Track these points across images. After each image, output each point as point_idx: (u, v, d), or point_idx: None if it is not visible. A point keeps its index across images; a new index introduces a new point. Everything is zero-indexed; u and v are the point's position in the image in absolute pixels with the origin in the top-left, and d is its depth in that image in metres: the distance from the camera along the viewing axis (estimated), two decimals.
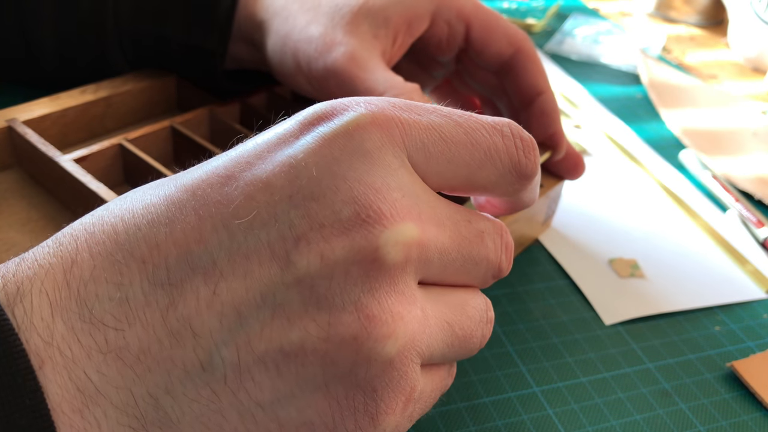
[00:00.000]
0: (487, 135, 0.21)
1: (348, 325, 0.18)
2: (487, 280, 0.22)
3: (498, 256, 0.22)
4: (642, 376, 0.33)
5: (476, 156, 0.21)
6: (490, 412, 0.30)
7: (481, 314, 0.22)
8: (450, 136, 0.20)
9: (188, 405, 0.18)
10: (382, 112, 0.20)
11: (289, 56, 0.36)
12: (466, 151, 0.20)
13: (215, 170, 0.19)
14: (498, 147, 0.21)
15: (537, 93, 0.37)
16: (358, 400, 0.18)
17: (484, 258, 0.21)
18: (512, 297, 0.37)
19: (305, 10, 0.36)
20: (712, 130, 0.57)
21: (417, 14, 0.36)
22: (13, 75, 0.46)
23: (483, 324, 0.22)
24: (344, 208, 0.18)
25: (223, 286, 0.18)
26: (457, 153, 0.20)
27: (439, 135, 0.20)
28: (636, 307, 0.37)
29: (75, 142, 0.41)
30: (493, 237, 0.22)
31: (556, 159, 0.38)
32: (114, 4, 0.40)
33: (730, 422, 0.32)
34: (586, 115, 0.58)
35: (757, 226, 0.45)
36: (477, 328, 0.22)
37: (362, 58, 0.34)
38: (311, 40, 0.35)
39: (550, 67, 0.66)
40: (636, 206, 0.46)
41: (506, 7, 0.80)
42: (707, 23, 0.84)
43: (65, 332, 0.17)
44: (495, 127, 0.21)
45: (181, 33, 0.40)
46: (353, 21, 0.35)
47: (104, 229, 0.19)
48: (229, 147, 0.21)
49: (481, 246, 0.21)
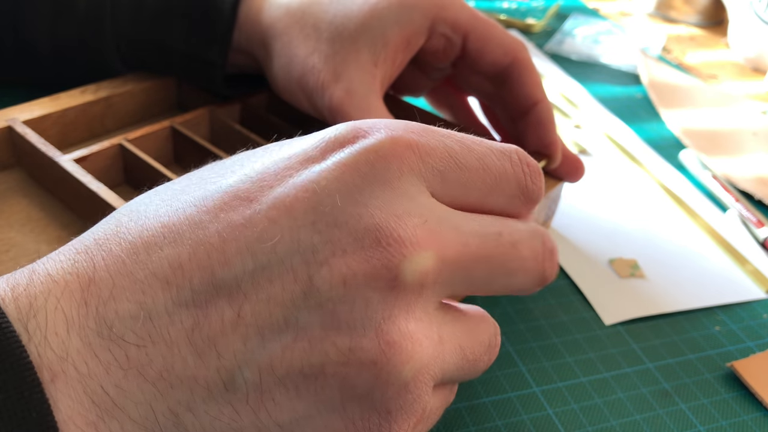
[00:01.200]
0: (497, 161, 0.21)
1: (368, 350, 0.18)
2: (531, 287, 0.22)
3: (539, 263, 0.22)
4: (642, 376, 0.33)
5: (488, 181, 0.21)
6: (490, 412, 0.30)
7: (491, 339, 0.22)
8: (464, 162, 0.21)
9: (209, 422, 0.18)
10: (402, 139, 0.20)
11: (294, 84, 0.37)
12: (478, 177, 0.21)
13: (235, 190, 0.20)
14: (507, 173, 0.22)
15: (533, 103, 0.37)
16: (373, 421, 0.19)
17: (519, 268, 0.21)
18: (512, 297, 0.37)
19: (305, 35, 0.36)
20: (712, 130, 0.57)
21: (415, 31, 0.35)
22: (12, 74, 0.46)
23: (491, 349, 0.23)
24: (366, 235, 0.18)
25: (247, 309, 0.18)
26: (470, 178, 0.21)
27: (455, 161, 0.21)
28: (636, 307, 0.37)
29: (75, 142, 0.41)
30: (530, 245, 0.21)
31: (552, 167, 0.38)
32: (111, 12, 0.40)
33: (730, 422, 0.32)
34: (586, 115, 0.58)
35: (757, 226, 0.45)
36: (485, 353, 0.22)
37: (359, 95, 0.34)
38: (313, 71, 0.35)
39: (550, 67, 0.66)
40: (636, 206, 0.46)
41: (506, 7, 0.80)
42: (707, 23, 0.84)
43: (81, 347, 0.18)
44: (504, 152, 0.22)
45: (180, 43, 0.40)
46: (354, 49, 0.35)
47: (122, 247, 0.19)
48: (239, 152, 0.21)
49: (515, 257, 0.21)
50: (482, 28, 0.36)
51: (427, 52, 0.37)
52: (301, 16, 0.36)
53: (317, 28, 0.36)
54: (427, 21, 0.35)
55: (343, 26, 0.35)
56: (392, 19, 0.35)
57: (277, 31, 0.37)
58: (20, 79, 0.46)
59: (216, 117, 0.41)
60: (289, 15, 0.37)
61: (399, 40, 0.35)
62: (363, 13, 0.35)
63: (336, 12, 0.35)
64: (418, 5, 0.35)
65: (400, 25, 0.35)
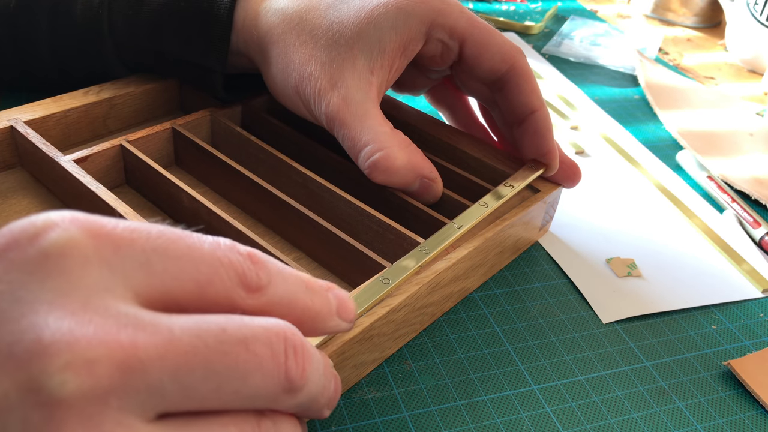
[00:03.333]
0: (208, 247, 0.19)
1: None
2: (273, 391, 0.18)
3: (279, 363, 0.18)
4: (639, 374, 0.34)
5: (202, 269, 0.19)
6: (488, 410, 0.31)
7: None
8: (173, 250, 0.19)
9: None
10: (90, 228, 0.18)
11: (291, 90, 0.37)
12: (190, 265, 0.19)
13: None
14: (222, 259, 0.19)
15: (529, 111, 0.37)
16: None
17: (253, 370, 0.18)
18: (511, 296, 0.37)
19: (302, 42, 0.36)
20: (709, 132, 0.57)
21: (411, 37, 0.35)
22: (14, 83, 0.46)
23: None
24: (22, 340, 0.16)
25: None
26: (182, 268, 0.19)
27: (162, 249, 0.18)
28: (633, 306, 0.38)
29: (78, 143, 0.41)
30: (266, 341, 0.18)
31: (549, 175, 0.39)
32: (108, 19, 0.40)
33: (727, 420, 0.32)
34: (583, 117, 0.58)
35: (753, 226, 0.45)
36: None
37: (355, 102, 0.34)
38: (310, 79, 0.35)
39: (548, 69, 0.66)
40: (633, 207, 0.47)
41: (505, 10, 0.81)
42: (704, 25, 0.84)
43: None
44: (221, 248, 0.19)
45: (177, 50, 0.40)
46: (350, 56, 0.34)
47: None
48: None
49: (245, 356, 0.18)
50: (480, 35, 0.36)
51: (425, 56, 0.37)
52: (297, 22, 0.36)
53: (314, 35, 0.36)
54: (423, 27, 0.35)
55: (339, 33, 0.35)
56: (388, 25, 0.34)
57: (273, 38, 0.37)
58: (23, 86, 0.46)
59: (217, 119, 0.41)
60: (286, 21, 0.36)
61: (395, 47, 0.35)
62: (359, 20, 0.35)
63: (333, 19, 0.35)
64: (415, 11, 0.35)
65: (396, 32, 0.35)
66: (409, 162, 0.35)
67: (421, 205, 0.36)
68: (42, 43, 0.42)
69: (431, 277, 0.31)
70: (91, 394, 0.15)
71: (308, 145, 0.40)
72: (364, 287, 0.29)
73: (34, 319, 0.16)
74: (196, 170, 0.40)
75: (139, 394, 0.16)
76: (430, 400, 0.31)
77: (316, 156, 0.40)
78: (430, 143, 0.43)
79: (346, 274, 0.34)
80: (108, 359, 0.16)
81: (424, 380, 0.32)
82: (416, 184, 0.36)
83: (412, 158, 0.35)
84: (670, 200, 0.48)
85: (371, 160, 0.34)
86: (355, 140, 0.34)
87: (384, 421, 0.29)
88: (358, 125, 0.34)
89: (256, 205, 0.37)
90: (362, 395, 0.30)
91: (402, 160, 0.34)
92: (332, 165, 0.39)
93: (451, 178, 0.39)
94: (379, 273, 0.30)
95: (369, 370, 0.31)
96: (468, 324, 0.35)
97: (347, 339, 0.28)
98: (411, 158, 0.35)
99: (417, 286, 0.31)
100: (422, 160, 0.36)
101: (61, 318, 0.16)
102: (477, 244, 0.34)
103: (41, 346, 0.15)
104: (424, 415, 0.30)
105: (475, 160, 0.41)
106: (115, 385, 0.16)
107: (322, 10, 0.36)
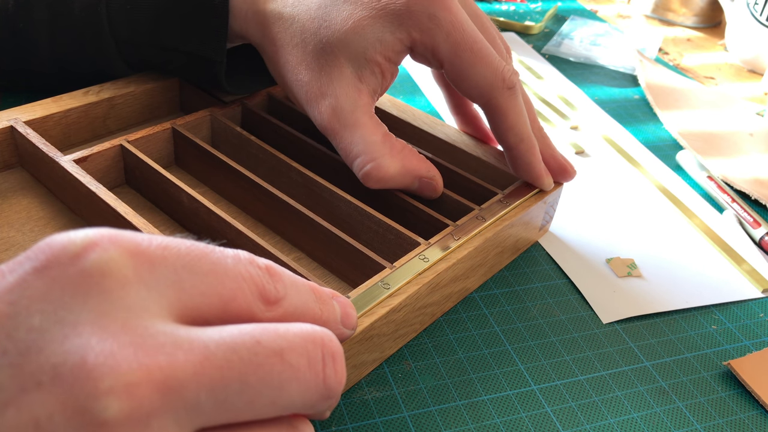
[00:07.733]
0: (232, 263, 0.20)
1: None
2: (314, 401, 0.19)
3: (317, 372, 0.19)
4: (639, 374, 0.34)
5: (228, 284, 0.19)
6: (488, 410, 0.31)
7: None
8: (200, 266, 0.19)
9: None
10: (128, 247, 0.18)
11: (287, 88, 0.37)
12: (217, 281, 0.19)
13: None
14: (244, 275, 0.20)
15: (508, 147, 0.37)
16: None
17: (290, 379, 0.18)
18: (511, 296, 0.37)
19: (294, 44, 0.36)
20: (709, 132, 0.57)
21: (395, 50, 0.35)
22: (15, 84, 0.46)
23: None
24: (66, 361, 0.16)
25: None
26: (210, 283, 0.19)
27: (191, 265, 0.19)
28: (633, 306, 0.38)
29: (78, 143, 0.41)
30: (302, 351, 0.19)
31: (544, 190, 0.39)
32: (107, 14, 0.40)
33: (727, 420, 0.32)
34: (583, 117, 0.58)
35: (753, 226, 0.45)
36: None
37: (345, 112, 0.34)
38: (301, 84, 0.35)
39: (548, 69, 0.66)
40: (633, 207, 0.47)
41: (505, 10, 0.81)
42: (704, 25, 0.84)
43: None
44: (241, 260, 0.20)
45: (177, 42, 0.40)
46: (337, 65, 0.34)
47: None
48: None
49: (280, 367, 0.18)
50: (460, 65, 0.34)
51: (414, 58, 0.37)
52: (291, 22, 0.36)
53: (304, 38, 0.35)
54: (407, 41, 0.34)
55: (326, 39, 0.34)
56: (374, 37, 0.34)
57: (268, 35, 0.37)
58: (24, 87, 0.46)
59: (217, 119, 0.41)
60: (281, 17, 0.37)
61: (380, 59, 0.34)
62: (345, 29, 0.34)
63: (321, 23, 0.35)
64: (402, 25, 0.34)
65: (381, 43, 0.34)
66: (402, 167, 0.35)
67: (421, 206, 0.36)
68: (42, 42, 0.42)
69: (431, 277, 0.31)
70: (133, 416, 0.16)
71: (308, 145, 0.40)
72: (360, 293, 0.29)
73: (78, 342, 0.16)
74: (196, 170, 0.40)
75: (178, 412, 0.17)
76: (430, 400, 0.31)
77: (316, 156, 0.40)
78: (430, 143, 0.43)
79: (346, 274, 0.34)
80: (148, 382, 0.16)
81: (424, 380, 0.32)
82: (416, 184, 0.36)
83: (406, 163, 0.35)
84: (671, 200, 0.48)
85: (363, 171, 0.34)
86: (347, 151, 0.35)
87: (384, 421, 0.29)
88: (348, 136, 0.34)
89: (256, 205, 0.37)
90: (362, 395, 0.30)
91: (394, 167, 0.34)
92: (332, 165, 0.39)
93: (451, 178, 0.39)
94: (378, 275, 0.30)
95: (369, 370, 0.31)
96: (468, 324, 0.35)
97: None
98: (405, 163, 0.35)
99: (417, 286, 0.31)
100: (417, 161, 0.35)
101: (104, 340, 0.16)
102: (477, 244, 0.34)
103: (86, 369, 0.16)
104: (424, 415, 0.30)
105: (475, 160, 0.41)
106: (155, 406, 0.16)
107: (314, 9, 0.35)
